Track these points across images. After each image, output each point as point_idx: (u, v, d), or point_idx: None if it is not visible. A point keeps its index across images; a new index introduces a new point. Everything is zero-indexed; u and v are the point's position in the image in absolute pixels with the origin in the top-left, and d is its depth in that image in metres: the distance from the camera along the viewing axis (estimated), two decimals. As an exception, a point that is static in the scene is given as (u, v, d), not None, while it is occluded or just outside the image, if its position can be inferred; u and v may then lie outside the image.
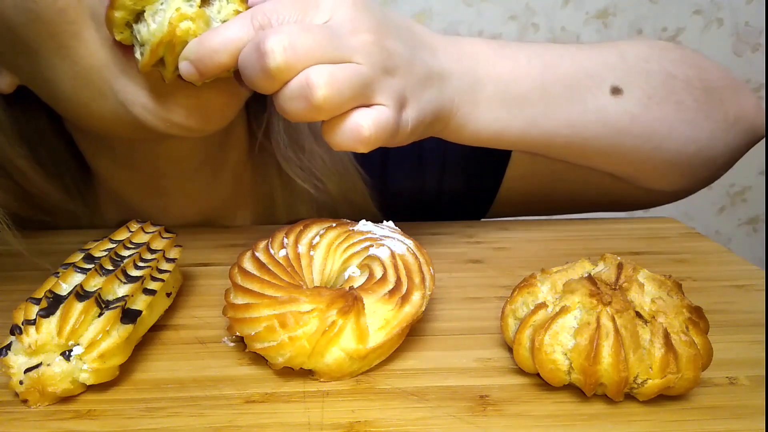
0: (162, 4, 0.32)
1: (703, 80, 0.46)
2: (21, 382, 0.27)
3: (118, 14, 0.32)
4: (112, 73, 0.36)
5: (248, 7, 0.33)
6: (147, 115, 0.37)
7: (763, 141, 0.51)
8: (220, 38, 0.31)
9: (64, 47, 0.35)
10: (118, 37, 0.33)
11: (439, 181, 0.56)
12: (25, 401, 0.27)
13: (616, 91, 0.43)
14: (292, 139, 0.49)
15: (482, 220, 0.57)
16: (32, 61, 0.36)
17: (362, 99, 0.32)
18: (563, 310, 0.28)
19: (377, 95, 0.32)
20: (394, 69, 0.33)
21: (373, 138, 0.32)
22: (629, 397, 0.27)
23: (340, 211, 0.52)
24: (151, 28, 0.32)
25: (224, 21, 0.32)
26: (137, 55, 0.33)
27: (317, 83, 0.29)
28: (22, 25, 0.34)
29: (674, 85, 0.45)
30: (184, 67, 0.32)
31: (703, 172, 0.48)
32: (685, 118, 0.45)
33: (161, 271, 0.33)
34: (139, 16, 0.32)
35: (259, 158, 0.51)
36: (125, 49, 0.35)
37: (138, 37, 0.33)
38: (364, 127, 0.31)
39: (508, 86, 0.40)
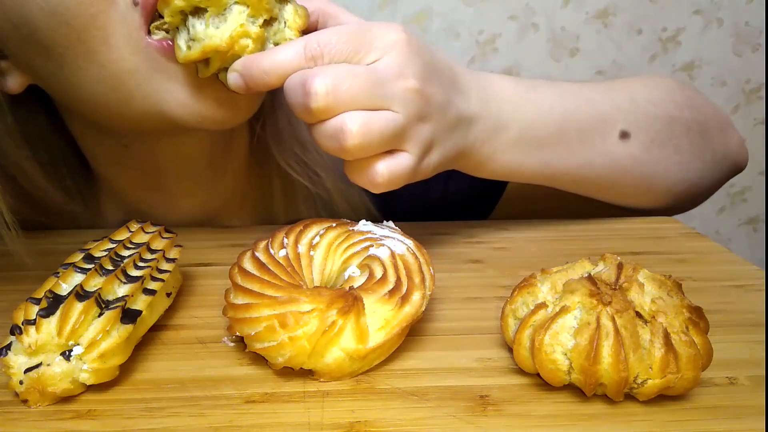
0: (226, 10, 0.32)
1: (699, 123, 0.49)
2: (21, 382, 0.27)
3: (179, 2, 0.32)
4: (143, 76, 0.36)
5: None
6: (180, 111, 0.37)
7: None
8: (272, 61, 0.32)
9: (91, 52, 0.35)
10: (167, 19, 0.33)
11: (444, 185, 0.56)
12: (25, 401, 0.27)
13: (624, 135, 0.46)
14: (290, 134, 0.49)
15: (482, 220, 0.57)
16: (55, 64, 0.36)
17: (391, 146, 0.33)
18: (563, 310, 0.28)
19: (406, 143, 0.34)
20: (429, 116, 0.35)
21: (385, 185, 0.34)
22: (629, 397, 0.27)
23: (337, 205, 0.52)
24: (210, 31, 0.32)
25: (276, 44, 0.34)
26: (180, 42, 0.34)
27: (351, 130, 0.31)
28: (48, 28, 0.34)
29: (675, 129, 0.48)
30: (234, 79, 0.33)
31: (687, 201, 0.53)
32: (680, 160, 0.48)
33: (161, 271, 0.33)
34: (197, 9, 0.33)
35: (259, 156, 0.51)
36: (160, 44, 0.35)
37: (190, 29, 0.33)
38: (381, 175, 0.33)
39: (529, 131, 0.42)
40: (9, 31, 0.36)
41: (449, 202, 0.57)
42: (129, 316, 0.28)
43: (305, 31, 0.35)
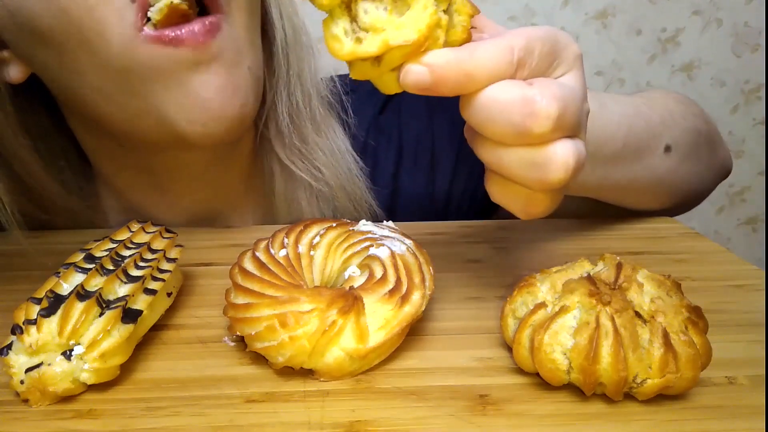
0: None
1: (710, 133, 0.52)
2: (22, 382, 0.27)
3: None
4: (135, 68, 0.36)
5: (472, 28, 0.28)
6: (178, 117, 0.38)
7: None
8: (477, 62, 0.26)
9: (88, 42, 0.35)
10: (324, 1, 0.26)
11: (449, 186, 0.56)
12: (26, 401, 0.27)
13: (667, 149, 0.46)
14: (292, 131, 0.49)
15: (482, 220, 0.57)
16: (54, 53, 0.37)
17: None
18: (563, 310, 0.28)
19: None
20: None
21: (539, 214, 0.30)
22: (628, 396, 0.27)
23: (339, 202, 0.52)
24: (395, 19, 0.26)
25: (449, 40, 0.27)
26: (338, 32, 0.27)
27: (567, 164, 0.26)
28: (47, 15, 0.35)
29: (698, 140, 0.50)
30: (416, 74, 0.26)
31: (687, 204, 0.54)
32: (699, 170, 0.51)
33: (162, 271, 0.33)
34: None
35: (261, 153, 0.51)
36: (160, 34, 0.35)
37: (361, 16, 0.26)
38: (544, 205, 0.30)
39: (598, 150, 0.41)
40: (6, 19, 0.37)
41: (454, 202, 0.57)
42: (130, 315, 0.29)
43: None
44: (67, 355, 0.27)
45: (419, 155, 0.56)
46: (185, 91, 0.38)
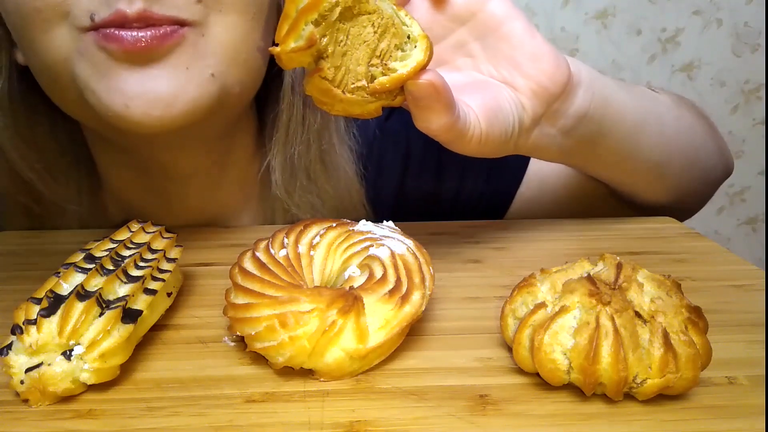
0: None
1: (708, 118, 0.55)
2: (22, 382, 0.27)
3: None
4: (73, 63, 0.36)
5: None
6: (96, 101, 0.36)
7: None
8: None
9: (36, 41, 0.36)
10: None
11: (457, 188, 0.57)
12: (26, 401, 0.27)
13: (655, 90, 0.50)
14: (297, 170, 0.49)
15: (483, 220, 0.57)
16: (22, 48, 0.39)
17: None
18: (563, 310, 0.28)
19: None
20: None
21: None
22: (628, 396, 0.27)
23: None
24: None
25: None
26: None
27: None
28: (7, 12, 0.37)
29: (694, 110, 0.53)
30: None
31: (690, 196, 0.54)
32: (698, 134, 0.52)
33: (162, 271, 0.33)
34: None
35: (266, 182, 0.51)
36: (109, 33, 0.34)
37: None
38: None
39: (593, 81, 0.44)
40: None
41: (460, 205, 0.57)
42: (130, 315, 0.29)
43: None
44: (67, 355, 0.27)
45: (426, 159, 0.56)
46: (113, 86, 0.35)
